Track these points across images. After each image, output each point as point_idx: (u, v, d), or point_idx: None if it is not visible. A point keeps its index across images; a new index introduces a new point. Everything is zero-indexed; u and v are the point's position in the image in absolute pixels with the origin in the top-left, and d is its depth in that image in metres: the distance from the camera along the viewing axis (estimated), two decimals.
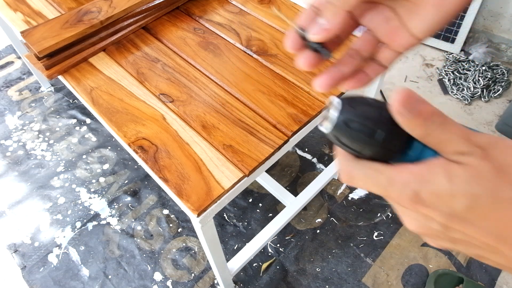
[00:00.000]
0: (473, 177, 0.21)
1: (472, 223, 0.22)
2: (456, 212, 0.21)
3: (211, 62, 0.80)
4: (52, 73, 0.78)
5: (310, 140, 1.43)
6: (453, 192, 0.21)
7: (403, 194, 0.23)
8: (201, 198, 0.59)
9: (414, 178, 0.22)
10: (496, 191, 0.21)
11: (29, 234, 1.24)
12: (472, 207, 0.21)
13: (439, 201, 0.22)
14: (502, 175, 0.21)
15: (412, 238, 1.17)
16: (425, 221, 0.23)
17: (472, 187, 0.21)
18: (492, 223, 0.21)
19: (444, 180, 0.21)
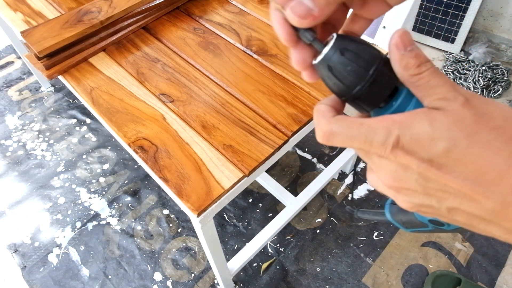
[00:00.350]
0: (453, 122, 0.21)
1: (449, 169, 0.22)
2: (434, 157, 0.22)
3: (211, 62, 0.80)
4: (52, 73, 0.78)
5: (310, 140, 1.43)
6: (434, 136, 0.22)
7: (384, 142, 0.23)
8: (201, 198, 0.59)
9: (396, 124, 0.23)
10: (473, 135, 0.21)
11: (29, 234, 1.24)
12: (450, 150, 0.21)
13: (419, 146, 0.22)
14: (480, 120, 0.21)
15: (412, 238, 1.17)
16: (403, 171, 0.23)
17: (452, 131, 0.21)
18: (469, 167, 0.21)
19: (426, 124, 0.22)
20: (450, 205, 0.23)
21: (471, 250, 1.14)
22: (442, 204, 0.23)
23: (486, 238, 1.16)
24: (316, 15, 0.23)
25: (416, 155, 0.22)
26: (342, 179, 1.32)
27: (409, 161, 0.22)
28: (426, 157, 0.22)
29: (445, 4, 1.59)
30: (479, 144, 0.21)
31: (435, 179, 0.22)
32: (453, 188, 0.22)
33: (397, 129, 0.22)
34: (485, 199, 0.21)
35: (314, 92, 0.74)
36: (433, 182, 0.23)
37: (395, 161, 0.23)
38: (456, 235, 1.17)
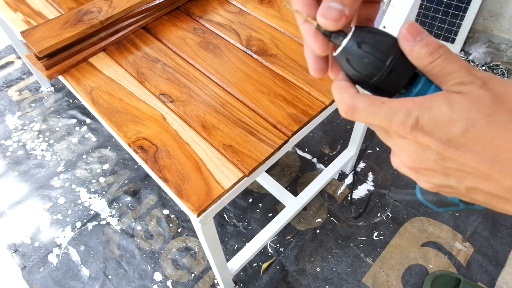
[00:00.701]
0: (471, 104, 0.22)
1: (467, 149, 0.22)
2: (452, 137, 0.22)
3: (211, 62, 0.80)
4: (52, 73, 0.78)
5: (310, 140, 1.43)
6: (452, 117, 0.22)
7: (404, 122, 0.23)
8: (201, 198, 0.59)
9: (416, 106, 0.23)
10: (491, 115, 0.21)
11: (29, 234, 1.24)
12: (468, 131, 0.22)
13: (438, 127, 0.23)
14: (498, 101, 0.22)
15: (412, 238, 1.17)
16: (422, 152, 0.24)
17: (470, 112, 0.22)
18: (486, 146, 0.22)
19: (444, 106, 0.22)
20: (469, 185, 0.23)
21: (471, 250, 1.14)
22: (461, 184, 0.24)
23: (486, 238, 1.16)
24: (347, 14, 0.24)
25: (434, 136, 0.23)
26: (342, 179, 1.32)
27: (428, 141, 0.23)
28: (444, 138, 0.22)
29: (445, 4, 1.59)
30: (496, 124, 0.21)
31: (453, 159, 0.23)
32: (471, 167, 0.22)
33: (417, 110, 0.23)
34: (502, 177, 0.22)
35: (314, 92, 0.74)
36: (452, 162, 0.23)
37: (414, 141, 0.24)
38: (456, 235, 1.17)
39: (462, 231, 1.18)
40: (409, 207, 1.23)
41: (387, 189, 0.51)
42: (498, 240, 1.15)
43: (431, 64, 0.24)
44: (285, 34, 0.86)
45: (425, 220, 1.20)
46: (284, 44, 0.83)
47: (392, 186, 1.29)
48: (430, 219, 1.21)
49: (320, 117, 0.73)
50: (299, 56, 0.80)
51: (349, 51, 0.26)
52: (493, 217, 1.20)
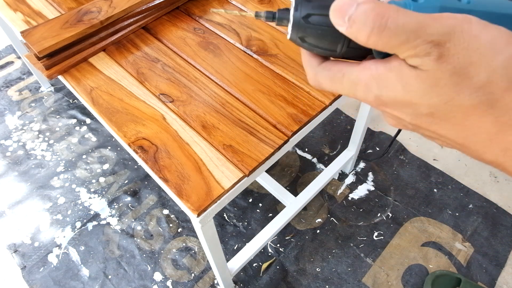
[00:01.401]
0: (428, 87, 0.20)
1: (437, 126, 0.21)
2: (419, 116, 0.21)
3: (211, 62, 0.80)
4: (52, 73, 0.78)
5: (310, 140, 1.43)
6: (412, 101, 0.21)
7: (367, 97, 0.22)
8: (201, 198, 0.59)
9: (374, 81, 0.21)
10: (453, 99, 0.19)
11: (29, 234, 1.24)
12: (433, 114, 0.21)
13: (400, 106, 0.21)
14: (461, 80, 0.19)
15: (412, 238, 1.17)
16: (398, 119, 0.23)
17: (429, 97, 0.20)
18: (456, 127, 0.21)
19: (399, 87, 0.21)
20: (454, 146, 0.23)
21: (471, 250, 1.14)
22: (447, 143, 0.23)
23: (486, 238, 1.16)
24: None
25: (402, 112, 0.22)
26: (342, 179, 1.32)
27: (397, 114, 0.22)
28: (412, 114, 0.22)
29: None
30: (462, 109, 0.20)
31: (428, 129, 0.22)
32: (449, 139, 0.22)
33: (375, 87, 0.21)
34: (483, 154, 0.21)
35: (314, 92, 0.74)
36: (429, 132, 0.23)
37: (387, 113, 0.23)
38: (456, 235, 1.17)
39: (462, 231, 1.18)
40: (409, 207, 1.23)
41: None
42: (498, 240, 1.15)
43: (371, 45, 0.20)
44: (285, 34, 0.86)
45: (425, 220, 1.20)
46: (284, 44, 0.83)
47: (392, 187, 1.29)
48: (430, 219, 1.21)
49: (320, 117, 0.73)
50: (299, 56, 0.80)
51: (299, 29, 0.22)
52: (493, 217, 1.20)
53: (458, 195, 1.26)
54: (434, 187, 1.28)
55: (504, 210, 1.21)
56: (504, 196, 1.25)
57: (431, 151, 1.37)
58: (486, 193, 1.26)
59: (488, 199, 1.24)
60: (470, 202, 1.24)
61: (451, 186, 1.28)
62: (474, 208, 1.22)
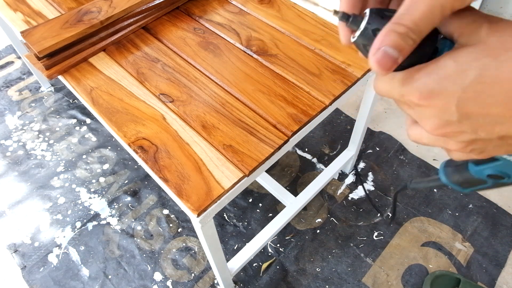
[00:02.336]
0: (480, 50, 0.21)
1: (486, 96, 0.21)
2: (468, 87, 0.21)
3: (211, 62, 0.80)
4: (52, 73, 0.78)
5: (310, 140, 1.43)
6: (462, 68, 0.21)
7: (415, 90, 0.23)
8: (201, 198, 0.59)
9: (422, 72, 0.23)
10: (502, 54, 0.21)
11: (29, 234, 1.24)
12: (482, 75, 0.21)
13: (449, 82, 0.22)
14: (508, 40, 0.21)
15: (412, 238, 1.17)
16: (442, 114, 0.23)
17: (479, 59, 0.21)
18: (505, 86, 0.21)
19: (451, 62, 0.22)
20: (500, 133, 0.23)
21: (471, 250, 1.14)
22: (492, 135, 0.23)
23: (486, 238, 1.16)
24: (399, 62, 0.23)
25: (449, 92, 0.22)
26: (342, 179, 1.32)
27: (444, 100, 0.22)
28: (459, 91, 0.22)
29: None
30: (509, 62, 0.20)
31: (476, 112, 0.22)
32: (496, 115, 0.22)
33: (424, 75, 0.23)
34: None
35: (314, 92, 0.74)
36: (475, 117, 0.22)
37: (430, 106, 0.23)
38: (456, 235, 1.17)
39: (462, 231, 1.18)
40: (409, 207, 1.23)
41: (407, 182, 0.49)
42: (498, 240, 1.15)
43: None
44: (285, 34, 0.86)
45: (425, 220, 1.20)
46: (284, 44, 0.83)
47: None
48: (430, 219, 1.21)
49: (320, 117, 0.73)
50: (299, 56, 0.80)
51: (366, 36, 0.25)
52: (493, 217, 1.20)
53: (458, 195, 1.26)
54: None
55: (504, 210, 1.21)
56: (504, 196, 1.25)
57: (431, 151, 1.37)
58: (486, 193, 1.26)
59: (488, 199, 1.24)
60: (470, 202, 1.24)
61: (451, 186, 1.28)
62: (474, 208, 1.22)
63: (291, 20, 0.89)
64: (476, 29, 0.22)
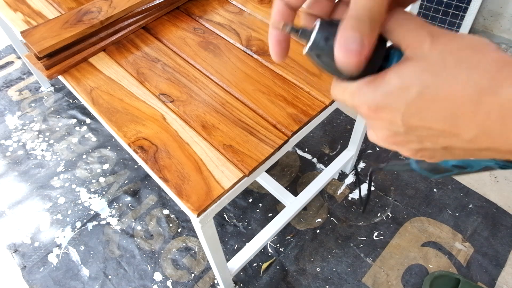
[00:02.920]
0: (421, 67, 0.22)
1: (427, 112, 0.22)
2: (410, 104, 0.23)
3: (211, 62, 0.80)
4: (52, 73, 0.78)
5: (310, 140, 1.43)
6: (404, 85, 0.22)
7: (363, 104, 0.24)
8: (201, 198, 0.59)
9: (370, 86, 0.24)
10: (440, 72, 0.22)
11: (29, 234, 1.24)
12: (423, 93, 0.22)
13: (394, 98, 0.23)
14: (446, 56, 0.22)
15: (412, 238, 1.17)
16: (390, 126, 0.24)
17: (421, 75, 0.22)
18: (444, 104, 0.22)
19: (395, 78, 0.23)
20: (443, 144, 0.24)
21: (471, 250, 1.14)
22: (437, 145, 0.24)
23: (486, 238, 1.16)
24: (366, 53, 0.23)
25: (394, 108, 0.23)
26: (342, 179, 1.32)
27: (390, 115, 0.24)
28: (403, 106, 0.23)
29: (445, 4, 1.59)
30: (448, 80, 0.21)
31: (419, 126, 0.23)
32: (437, 130, 0.23)
33: (371, 90, 0.24)
34: (466, 131, 0.22)
35: (314, 92, 0.74)
36: (419, 130, 0.24)
37: (379, 118, 0.24)
38: (456, 235, 1.17)
39: (462, 231, 1.18)
40: (409, 207, 1.23)
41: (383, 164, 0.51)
42: (498, 240, 1.15)
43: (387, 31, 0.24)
44: None
45: (425, 220, 1.20)
46: None
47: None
48: (430, 219, 1.21)
49: (320, 117, 0.73)
50: (299, 56, 0.80)
51: (317, 47, 0.25)
52: (493, 217, 1.20)
53: (458, 195, 1.26)
54: (434, 187, 1.28)
55: (504, 210, 1.21)
56: (504, 196, 1.25)
57: None
58: (486, 193, 1.26)
59: (488, 199, 1.24)
60: (470, 202, 1.24)
61: (451, 186, 1.28)
62: (474, 208, 1.22)
63: None
64: (420, 43, 0.23)
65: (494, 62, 0.21)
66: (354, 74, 0.25)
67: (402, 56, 0.24)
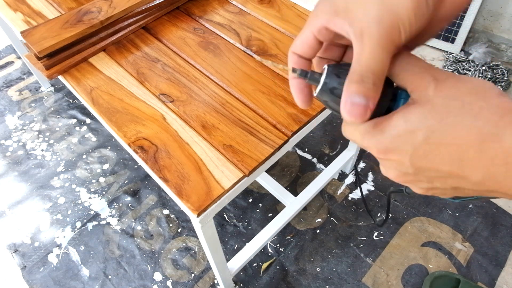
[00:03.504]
0: (427, 111, 0.23)
1: (434, 155, 0.23)
2: (418, 147, 0.23)
3: (211, 62, 0.80)
4: (52, 73, 0.78)
5: (310, 140, 1.43)
6: (410, 129, 0.23)
7: (373, 146, 0.25)
8: (201, 198, 0.59)
9: (378, 129, 0.25)
10: (445, 118, 0.22)
11: (29, 234, 1.24)
12: (429, 137, 0.23)
13: (401, 141, 0.24)
14: (450, 102, 0.23)
15: (412, 238, 1.17)
16: (400, 167, 0.25)
17: (427, 120, 0.23)
18: (449, 149, 0.23)
19: (402, 122, 0.24)
20: (453, 185, 0.24)
21: (471, 250, 1.14)
22: (446, 185, 0.25)
23: (486, 238, 1.16)
24: (372, 107, 0.24)
25: (402, 151, 0.24)
26: (342, 179, 1.32)
27: (399, 157, 0.24)
28: (410, 149, 0.24)
29: None
30: (452, 125, 0.22)
31: (427, 168, 0.24)
32: (445, 172, 0.23)
33: (379, 133, 0.25)
34: (472, 175, 0.23)
35: None
36: (428, 171, 0.24)
37: (389, 159, 0.25)
38: (456, 235, 1.17)
39: (462, 231, 1.18)
40: (409, 207, 1.23)
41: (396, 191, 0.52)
42: (498, 240, 1.15)
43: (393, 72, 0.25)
44: (285, 34, 0.86)
45: (425, 220, 1.20)
46: (284, 44, 0.83)
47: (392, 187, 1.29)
48: (430, 219, 1.21)
49: (320, 117, 0.73)
50: None
51: (325, 92, 0.27)
52: (493, 217, 1.20)
53: None
54: None
55: (504, 210, 1.21)
56: None
57: None
58: None
59: None
60: (470, 202, 1.24)
61: None
62: (474, 208, 1.22)
63: (291, 20, 0.89)
64: (425, 87, 0.24)
65: (497, 109, 0.22)
66: None
67: (409, 97, 0.25)
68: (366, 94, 0.24)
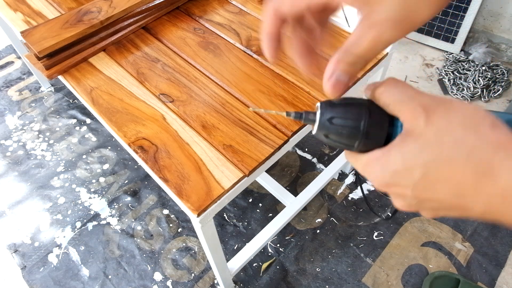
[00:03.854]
0: (421, 147, 0.23)
1: (434, 189, 0.24)
2: (417, 183, 0.24)
3: (211, 62, 0.80)
4: (52, 73, 0.78)
5: (310, 140, 1.43)
6: (408, 166, 0.24)
7: (374, 180, 0.26)
8: (201, 198, 0.59)
9: (378, 164, 0.26)
10: (439, 154, 0.23)
11: (29, 234, 1.24)
12: (426, 174, 0.23)
13: (400, 177, 0.24)
14: (443, 136, 0.23)
15: (412, 238, 1.17)
16: (403, 199, 0.26)
17: (422, 156, 0.23)
18: (447, 185, 0.23)
19: (399, 158, 0.24)
20: (457, 214, 0.25)
21: (471, 250, 1.14)
22: (450, 212, 0.25)
23: (486, 238, 1.16)
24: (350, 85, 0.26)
25: (403, 185, 0.25)
26: (342, 179, 1.32)
27: (401, 191, 0.25)
28: (411, 184, 0.24)
29: None
30: (447, 162, 0.23)
31: (430, 199, 0.24)
32: (448, 203, 0.24)
33: (379, 168, 0.26)
34: (473, 207, 0.23)
35: (314, 92, 0.74)
36: (431, 202, 0.25)
37: (391, 192, 0.26)
38: (456, 235, 1.17)
39: (462, 231, 1.18)
40: None
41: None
42: (498, 240, 1.15)
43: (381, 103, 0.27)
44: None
45: (425, 220, 1.20)
46: None
47: None
48: (430, 219, 1.21)
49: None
50: None
51: (323, 128, 0.27)
52: None
53: None
54: None
55: None
56: None
57: None
58: None
59: None
60: None
61: None
62: None
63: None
64: (415, 119, 0.24)
65: (490, 146, 0.22)
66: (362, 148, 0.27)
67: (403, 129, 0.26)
68: (352, 75, 0.25)
